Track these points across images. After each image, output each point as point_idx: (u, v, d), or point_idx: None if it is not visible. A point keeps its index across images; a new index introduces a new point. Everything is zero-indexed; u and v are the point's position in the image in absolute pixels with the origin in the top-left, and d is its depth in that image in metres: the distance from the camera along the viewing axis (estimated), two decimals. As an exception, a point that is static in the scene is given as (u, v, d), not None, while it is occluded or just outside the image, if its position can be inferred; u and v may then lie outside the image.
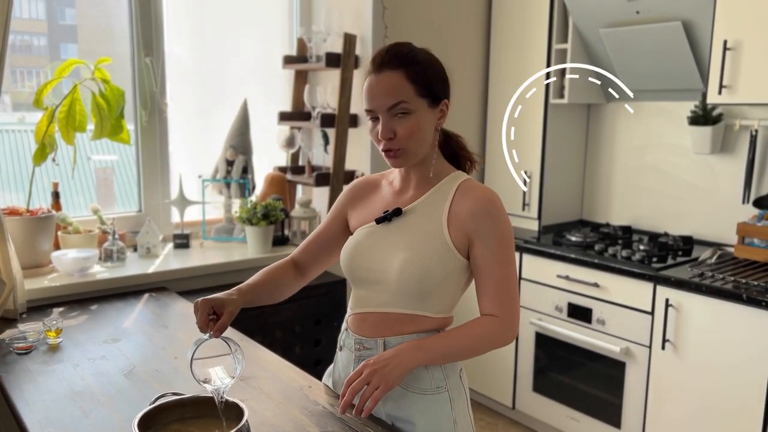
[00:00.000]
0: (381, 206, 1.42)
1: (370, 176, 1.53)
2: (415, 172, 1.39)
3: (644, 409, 2.56)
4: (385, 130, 1.29)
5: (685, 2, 2.57)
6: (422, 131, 1.31)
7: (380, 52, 1.32)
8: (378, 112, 1.29)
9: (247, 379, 1.56)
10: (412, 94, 1.29)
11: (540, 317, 2.91)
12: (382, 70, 1.29)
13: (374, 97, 1.29)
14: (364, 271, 1.37)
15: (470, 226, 1.31)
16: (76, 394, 1.48)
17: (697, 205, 2.94)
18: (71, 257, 2.26)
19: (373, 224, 1.39)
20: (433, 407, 1.34)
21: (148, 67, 2.66)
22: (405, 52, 1.31)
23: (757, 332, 2.19)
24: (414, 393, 1.34)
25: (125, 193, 2.79)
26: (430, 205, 1.35)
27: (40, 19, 2.59)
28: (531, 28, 3.11)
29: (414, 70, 1.29)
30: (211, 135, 2.91)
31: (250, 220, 2.63)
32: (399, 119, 1.29)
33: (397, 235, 1.34)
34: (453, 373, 1.38)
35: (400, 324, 1.34)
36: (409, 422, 1.35)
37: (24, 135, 2.61)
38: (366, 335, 1.38)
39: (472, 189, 1.34)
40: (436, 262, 1.30)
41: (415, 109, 1.29)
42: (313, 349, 2.64)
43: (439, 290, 1.32)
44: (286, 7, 3.10)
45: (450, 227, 1.32)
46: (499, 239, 1.31)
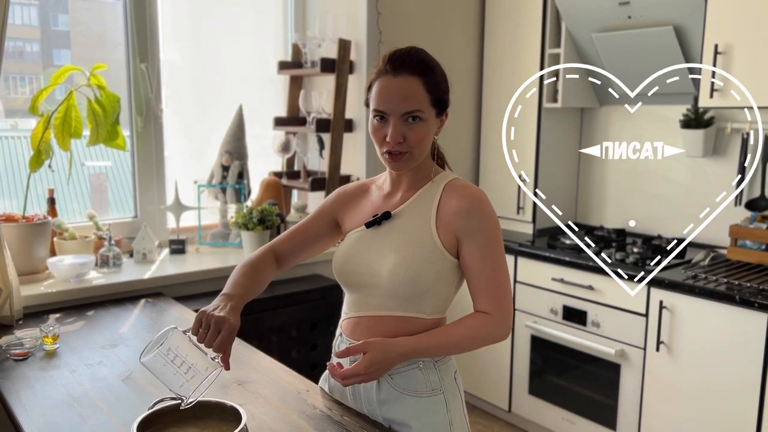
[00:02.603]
0: (371, 210, 1.42)
1: (360, 182, 1.53)
2: (407, 176, 1.39)
3: (639, 411, 2.57)
4: (395, 133, 1.28)
5: (677, 7, 2.60)
6: (427, 140, 1.33)
7: (398, 53, 1.31)
8: (390, 114, 1.29)
9: (244, 384, 1.56)
10: (427, 103, 1.30)
11: (535, 320, 2.92)
12: (399, 73, 1.28)
13: (389, 99, 1.28)
14: (355, 275, 1.38)
15: (458, 226, 1.31)
16: (74, 399, 1.48)
17: (690, 208, 2.96)
18: (67, 263, 2.26)
19: (363, 228, 1.39)
20: (428, 409, 1.35)
21: (144, 73, 2.66)
22: (425, 59, 1.32)
23: (750, 333, 2.21)
24: (409, 396, 1.35)
25: (120, 199, 2.79)
26: (419, 207, 1.35)
27: (33, 25, 2.59)
28: (524, 32, 3.14)
29: (432, 80, 1.30)
30: (207, 140, 2.92)
31: (246, 225, 2.63)
32: (410, 125, 1.29)
33: (387, 239, 1.35)
34: (448, 375, 1.38)
35: (394, 327, 1.34)
36: (405, 425, 1.35)
37: (17, 141, 2.61)
38: (360, 340, 1.37)
39: (458, 188, 1.35)
40: (426, 264, 1.30)
41: (427, 118, 1.30)
42: (310, 353, 2.65)
43: (431, 291, 1.33)
44: (280, 13, 3.12)
45: (438, 228, 1.32)
46: (487, 237, 1.31)
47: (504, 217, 3.32)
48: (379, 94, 1.29)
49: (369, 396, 1.39)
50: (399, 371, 1.35)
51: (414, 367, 1.35)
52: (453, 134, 3.34)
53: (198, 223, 2.83)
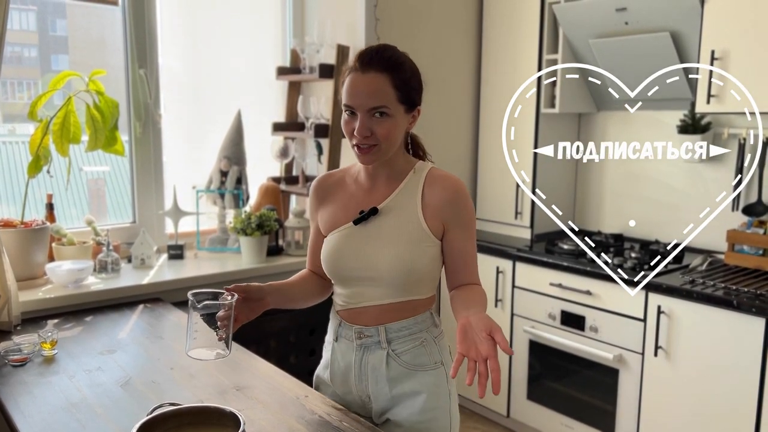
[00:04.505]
0: (353, 205, 1.46)
1: (331, 172, 1.57)
2: (383, 169, 1.44)
3: (638, 416, 2.57)
4: (362, 128, 1.33)
5: (673, 13, 2.61)
6: (396, 134, 1.37)
7: (367, 51, 1.36)
8: (357, 109, 1.34)
9: (243, 389, 1.56)
10: (394, 99, 1.34)
11: (533, 325, 2.92)
12: (367, 70, 1.33)
13: (357, 95, 1.33)
14: (350, 271, 1.43)
15: (445, 214, 1.41)
16: (72, 405, 1.48)
17: (688, 213, 2.97)
18: (66, 269, 2.26)
19: (351, 225, 1.43)
20: (435, 380, 1.45)
21: (142, 79, 2.67)
22: (393, 57, 1.36)
23: (748, 338, 2.22)
24: (417, 371, 1.44)
25: (118, 204, 2.79)
26: (404, 200, 1.42)
27: (31, 31, 2.60)
28: (522, 38, 3.15)
29: (399, 77, 1.34)
30: (205, 146, 2.92)
31: (244, 231, 2.64)
32: (377, 119, 1.34)
33: (379, 234, 1.40)
34: (444, 349, 1.49)
35: (397, 311, 1.42)
36: (416, 393, 1.43)
37: (15, 146, 2.61)
38: (366, 325, 1.44)
39: (439, 178, 1.43)
40: (420, 252, 1.39)
41: (394, 114, 1.35)
42: (308, 358, 2.64)
43: (426, 275, 1.42)
44: (279, 19, 3.12)
45: (426, 217, 1.40)
46: (468, 221, 1.43)
47: (502, 223, 3.33)
48: (347, 90, 1.35)
49: (377, 375, 1.44)
50: (406, 350, 1.43)
51: (418, 344, 1.44)
52: (451, 141, 3.35)
53: (196, 229, 2.83)
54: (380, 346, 1.43)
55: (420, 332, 1.44)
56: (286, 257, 2.78)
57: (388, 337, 1.43)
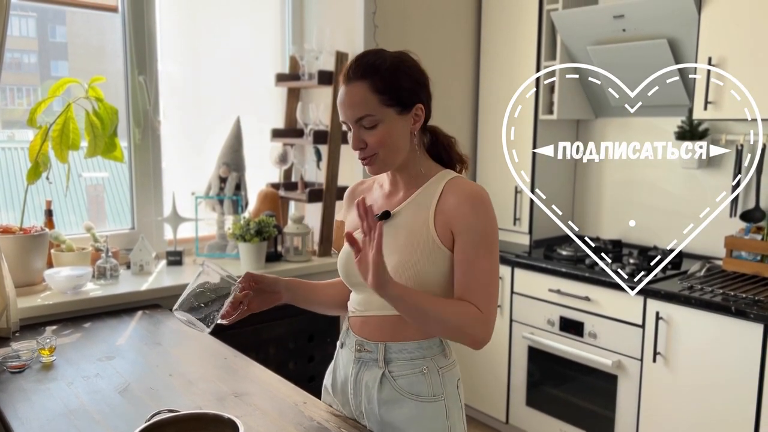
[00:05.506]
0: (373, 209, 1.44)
1: (363, 180, 1.57)
2: (401, 174, 1.40)
3: (636, 422, 2.57)
4: (355, 140, 1.32)
5: (671, 20, 2.62)
6: (393, 139, 1.32)
7: (350, 62, 1.34)
8: (348, 123, 1.32)
9: (241, 396, 1.56)
10: (377, 104, 1.29)
11: (532, 331, 2.92)
12: (350, 80, 1.31)
13: (343, 108, 1.32)
14: (357, 276, 1.36)
15: (453, 219, 1.30)
16: (70, 412, 1.48)
17: (686, 219, 2.98)
18: (64, 275, 2.26)
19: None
20: (428, 415, 1.35)
21: (142, 85, 2.67)
22: (370, 62, 1.31)
23: (746, 344, 2.22)
24: (411, 399, 1.35)
25: (117, 210, 2.80)
26: (418, 205, 1.35)
27: (31, 37, 2.60)
28: (520, 45, 3.16)
29: (378, 80, 1.29)
30: (204, 152, 2.92)
31: (243, 237, 2.64)
32: (367, 130, 1.31)
33: (388, 238, 1.33)
34: (451, 382, 1.39)
35: (400, 328, 1.35)
36: (400, 430, 1.35)
37: (14, 152, 2.62)
38: (368, 338, 1.39)
39: (459, 186, 1.34)
40: (427, 262, 1.31)
41: (383, 119, 1.30)
42: (307, 365, 2.64)
43: (434, 288, 1.32)
44: (278, 26, 3.13)
45: (436, 223, 1.31)
46: (482, 234, 1.29)
47: (500, 228, 3.31)
48: (338, 106, 1.34)
49: (370, 394, 1.39)
50: (403, 374, 1.35)
51: (417, 371, 1.35)
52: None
53: (195, 235, 2.83)
54: (377, 364, 1.37)
55: (423, 359, 1.36)
56: (285, 263, 2.78)
57: (386, 356, 1.36)
